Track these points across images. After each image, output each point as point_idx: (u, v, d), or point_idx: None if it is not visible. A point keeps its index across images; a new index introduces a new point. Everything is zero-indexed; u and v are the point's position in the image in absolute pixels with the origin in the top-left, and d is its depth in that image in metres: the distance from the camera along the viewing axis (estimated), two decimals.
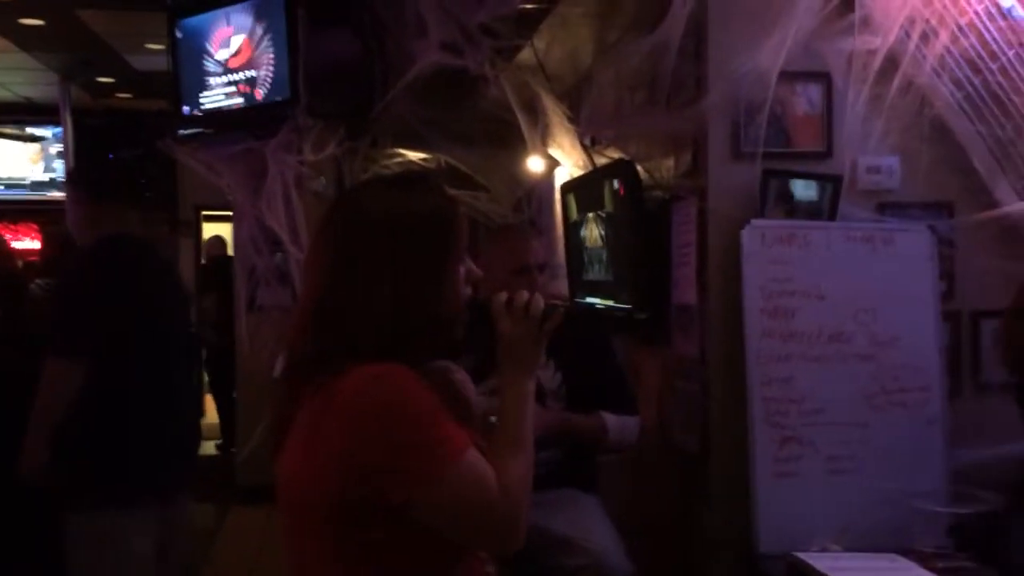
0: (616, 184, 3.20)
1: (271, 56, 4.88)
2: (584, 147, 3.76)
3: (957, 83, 2.61)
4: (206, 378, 7.01)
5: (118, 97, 7.89)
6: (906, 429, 2.57)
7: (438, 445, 1.25)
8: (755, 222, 2.62)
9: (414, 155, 5.31)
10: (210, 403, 6.97)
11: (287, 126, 4.93)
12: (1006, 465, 2.50)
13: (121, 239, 2.59)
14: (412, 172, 2.05)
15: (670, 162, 3.06)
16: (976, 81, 2.61)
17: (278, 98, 4.83)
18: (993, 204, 2.68)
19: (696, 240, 2.79)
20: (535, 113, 4.04)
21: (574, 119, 3.70)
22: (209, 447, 6.20)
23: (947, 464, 2.56)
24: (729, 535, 2.59)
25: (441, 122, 4.68)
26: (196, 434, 2.79)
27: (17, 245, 7.86)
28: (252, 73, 4.93)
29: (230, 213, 6.06)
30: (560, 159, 4.25)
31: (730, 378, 2.62)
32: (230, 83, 5.05)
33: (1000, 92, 2.60)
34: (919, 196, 2.73)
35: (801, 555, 2.36)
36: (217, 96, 5.16)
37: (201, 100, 5.22)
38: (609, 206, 3.33)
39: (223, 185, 5.35)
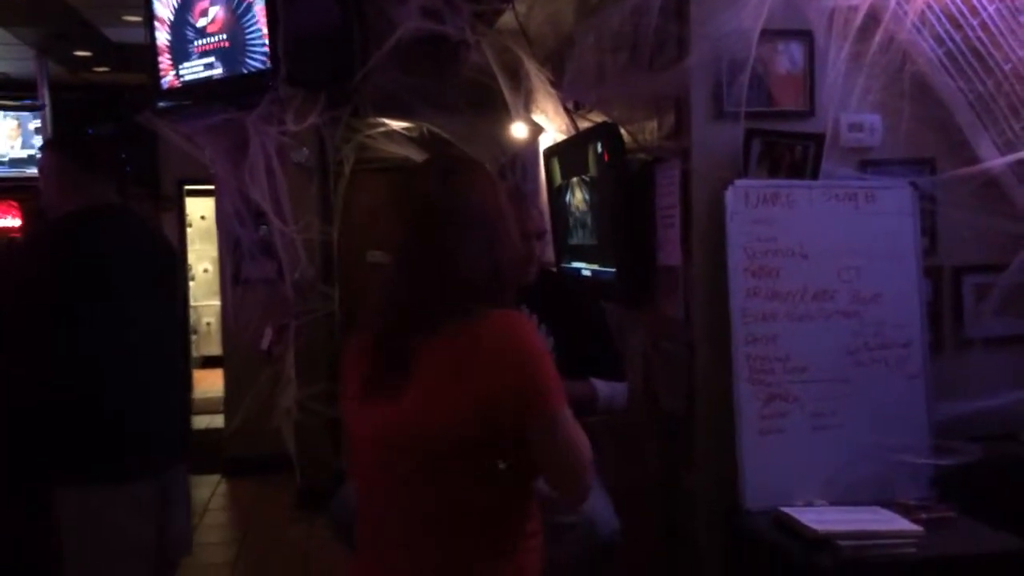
0: (599, 147, 3.20)
1: (250, 24, 4.83)
2: (567, 111, 3.75)
3: (938, 39, 2.61)
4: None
5: (96, 71, 7.77)
6: (889, 384, 2.59)
7: (558, 381, 1.48)
8: (739, 182, 2.63)
9: (396, 124, 5.28)
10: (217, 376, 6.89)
11: (268, 96, 4.89)
12: (990, 417, 2.54)
13: (97, 211, 2.52)
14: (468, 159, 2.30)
15: (653, 124, 3.06)
16: (957, 37, 2.61)
17: (258, 67, 4.80)
18: (974, 160, 2.69)
19: (680, 201, 2.79)
20: (517, 78, 4.01)
21: (556, 83, 3.68)
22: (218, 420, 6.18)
23: (929, 418, 2.59)
24: (715, 492, 2.62)
25: (423, 90, 4.65)
26: (186, 407, 2.74)
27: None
28: (227, 36, 4.88)
29: (213, 188, 6.03)
30: (543, 124, 4.23)
31: (715, 338, 2.64)
32: (208, 50, 4.99)
33: (981, 48, 2.61)
34: (901, 153, 2.74)
35: (786, 510, 2.39)
36: (196, 67, 5.11)
37: (181, 71, 5.17)
38: (593, 170, 3.33)
39: (204, 157, 5.32)
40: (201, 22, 5.06)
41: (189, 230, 8.85)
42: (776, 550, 2.33)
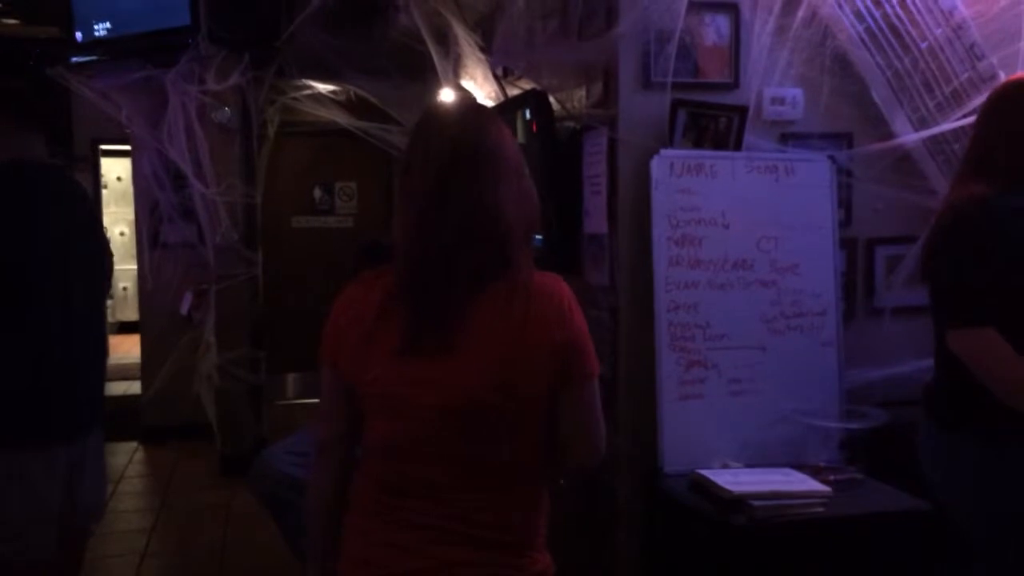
0: (528, 115, 3.20)
1: None
2: (496, 78, 3.73)
3: (859, 15, 2.68)
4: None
5: (5, 23, 7.42)
6: (804, 351, 2.68)
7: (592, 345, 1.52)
8: (664, 152, 2.66)
9: (322, 86, 5.19)
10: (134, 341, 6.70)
11: (188, 54, 4.75)
12: (896, 384, 2.64)
13: (27, 164, 2.45)
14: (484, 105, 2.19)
15: (582, 92, 3.07)
16: (877, 14, 2.68)
17: (178, 23, 4.65)
18: (890, 135, 2.78)
19: (607, 170, 2.81)
20: (447, 43, 3.98)
21: (486, 49, 3.66)
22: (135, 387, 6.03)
23: (841, 384, 2.69)
24: (636, 454, 2.67)
25: (350, 52, 4.57)
26: (103, 371, 2.69)
27: None
28: None
29: (130, 148, 5.84)
30: (472, 91, 4.21)
31: (639, 305, 2.68)
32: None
33: (899, 24, 2.68)
34: (820, 127, 2.80)
35: (703, 472, 2.46)
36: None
37: (95, 24, 4.97)
38: (521, 137, 3.33)
39: (121, 116, 5.15)
40: None
41: (104, 192, 8.54)
42: (692, 510, 2.39)
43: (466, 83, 4.18)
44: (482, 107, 1.64)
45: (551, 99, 3.13)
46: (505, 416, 1.44)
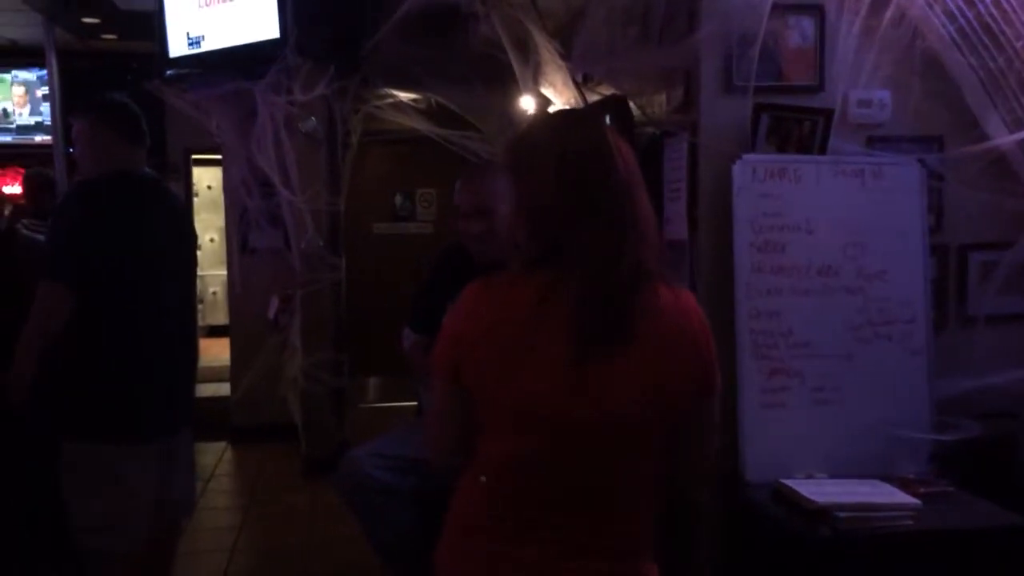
0: (608, 120, 3.20)
1: None
2: (576, 84, 3.74)
3: (949, 15, 2.60)
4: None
5: (104, 39, 7.75)
6: (891, 360, 2.61)
7: None
8: (746, 156, 2.63)
9: (404, 95, 5.27)
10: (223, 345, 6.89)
11: (276, 66, 4.89)
12: (990, 394, 2.55)
13: (128, 175, 2.57)
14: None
15: (662, 98, 3.05)
16: (969, 13, 2.60)
17: (266, 36, 4.78)
18: (983, 137, 2.69)
19: (687, 176, 2.79)
20: (527, 51, 4.00)
21: (566, 56, 3.67)
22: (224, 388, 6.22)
23: (930, 394, 2.61)
24: (717, 462, 2.64)
25: (431, 61, 4.64)
26: (194, 373, 2.80)
27: (4, 189, 7.81)
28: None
29: (220, 157, 6.03)
30: (552, 98, 4.23)
31: (720, 312, 2.64)
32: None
33: (992, 24, 2.59)
34: (909, 130, 2.73)
35: (786, 481, 2.42)
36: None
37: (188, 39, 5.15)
38: None
39: (212, 126, 5.32)
40: None
41: (196, 200, 8.85)
42: (775, 521, 2.35)
43: (545, 90, 4.20)
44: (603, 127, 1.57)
45: (631, 104, 3.12)
46: (649, 427, 1.41)
